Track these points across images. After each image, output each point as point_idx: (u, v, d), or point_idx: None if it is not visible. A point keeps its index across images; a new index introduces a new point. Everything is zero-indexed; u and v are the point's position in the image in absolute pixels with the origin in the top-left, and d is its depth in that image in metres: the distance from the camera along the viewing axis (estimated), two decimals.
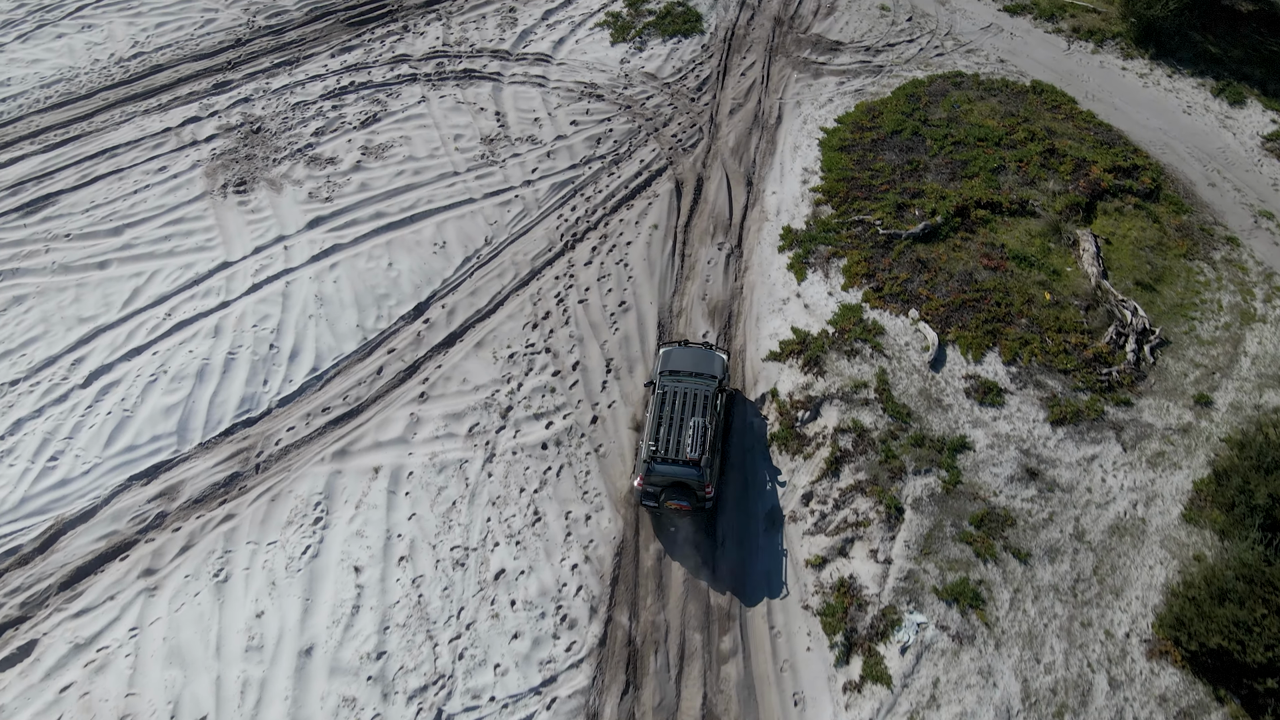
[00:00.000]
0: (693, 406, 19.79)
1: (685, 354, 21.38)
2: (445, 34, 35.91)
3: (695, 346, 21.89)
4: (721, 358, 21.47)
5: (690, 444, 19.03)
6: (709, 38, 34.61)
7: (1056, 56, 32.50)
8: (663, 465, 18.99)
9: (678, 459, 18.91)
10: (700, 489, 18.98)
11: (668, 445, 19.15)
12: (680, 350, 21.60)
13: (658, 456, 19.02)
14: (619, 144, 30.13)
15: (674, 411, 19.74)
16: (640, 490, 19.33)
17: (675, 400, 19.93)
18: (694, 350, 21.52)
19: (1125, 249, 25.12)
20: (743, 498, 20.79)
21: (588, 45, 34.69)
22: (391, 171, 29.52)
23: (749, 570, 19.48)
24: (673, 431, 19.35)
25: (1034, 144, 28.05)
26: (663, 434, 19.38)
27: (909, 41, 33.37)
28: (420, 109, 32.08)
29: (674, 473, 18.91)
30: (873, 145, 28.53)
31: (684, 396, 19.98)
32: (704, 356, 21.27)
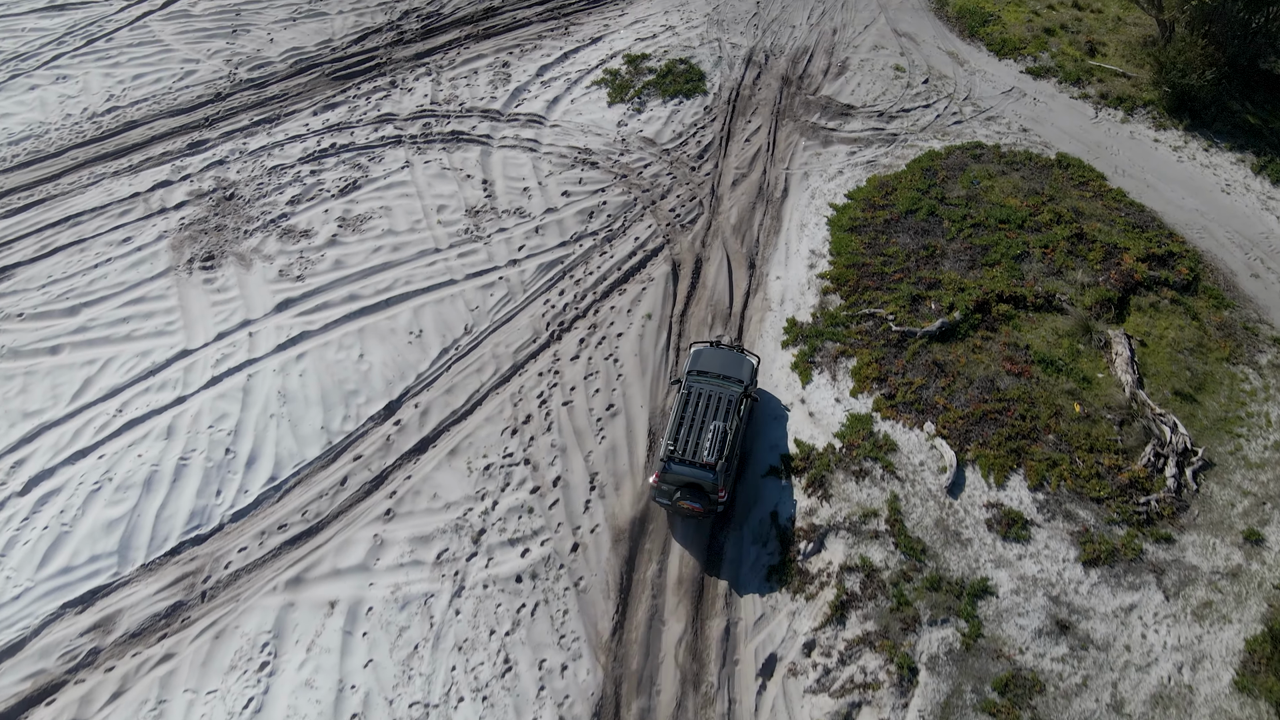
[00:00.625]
0: (715, 409, 19.96)
1: (715, 355, 21.61)
2: (434, 91, 34.16)
3: (726, 348, 22.12)
4: (751, 362, 21.76)
5: (709, 448, 19.17)
6: (712, 99, 32.74)
7: (1083, 126, 30.47)
8: (679, 466, 19.08)
9: (694, 461, 19.03)
10: (714, 492, 19.06)
11: (686, 446, 19.28)
12: (711, 351, 21.85)
13: (675, 456, 19.12)
14: (613, 219, 28.21)
15: (696, 413, 19.91)
16: (654, 487, 19.46)
17: (699, 401, 20.11)
18: (724, 352, 21.78)
19: (1162, 352, 22.98)
20: None
21: (584, 106, 32.86)
22: (369, 247, 27.67)
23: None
24: (692, 433, 19.51)
25: (1060, 227, 26.00)
26: (682, 434, 19.53)
27: (925, 107, 31.40)
28: (403, 175, 30.27)
29: (689, 474, 19.01)
30: (885, 226, 26.53)
31: (708, 398, 20.15)
32: (734, 359, 21.50)
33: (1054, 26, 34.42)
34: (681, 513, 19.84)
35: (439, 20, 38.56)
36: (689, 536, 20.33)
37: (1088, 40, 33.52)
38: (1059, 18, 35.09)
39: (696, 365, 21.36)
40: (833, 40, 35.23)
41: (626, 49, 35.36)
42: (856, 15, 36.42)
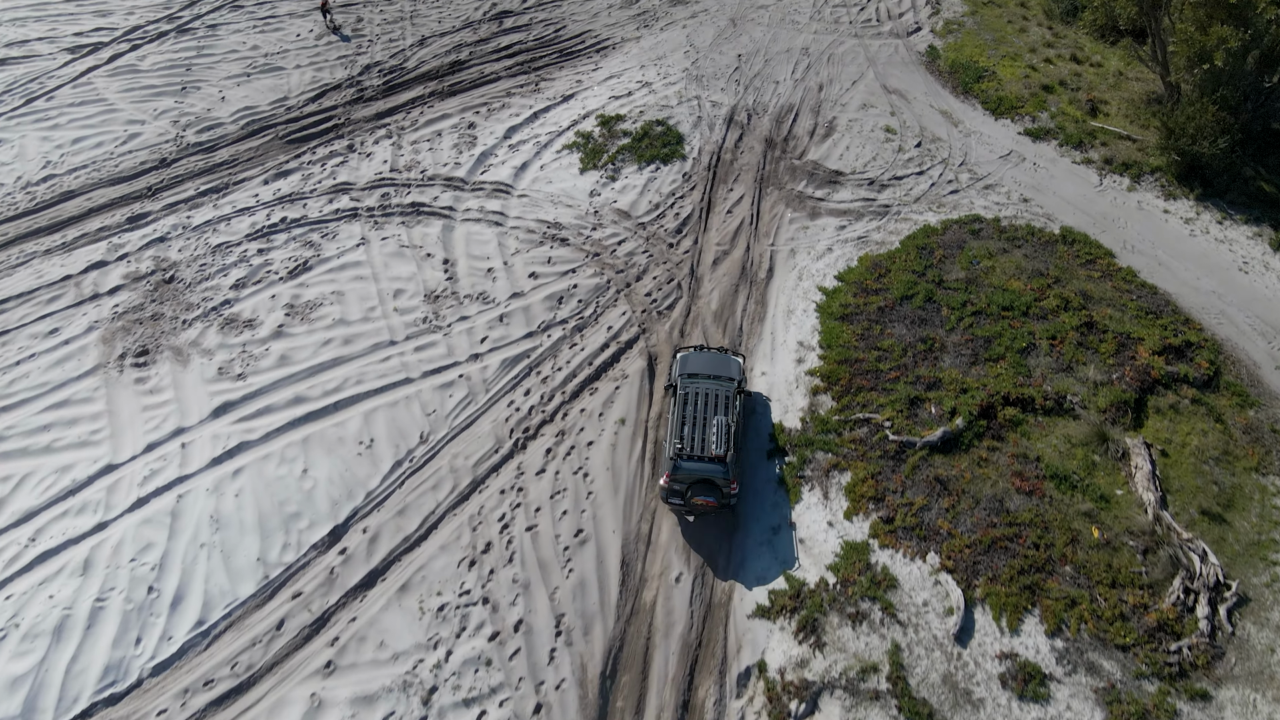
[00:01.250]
0: (715, 405, 20.55)
1: (702, 358, 22.31)
2: (395, 156, 32.02)
3: (711, 351, 22.87)
4: (738, 361, 22.42)
5: (715, 440, 19.74)
6: (691, 164, 30.70)
7: (1087, 194, 28.56)
8: (689, 462, 19.53)
9: (704, 455, 19.54)
10: (725, 485, 19.52)
11: (693, 442, 19.78)
12: (697, 355, 22.53)
13: (684, 454, 19.58)
14: (584, 304, 26.08)
15: (697, 410, 20.44)
16: (666, 488, 19.76)
17: (698, 400, 20.67)
18: (710, 354, 22.55)
19: (1185, 462, 20.97)
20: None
21: (554, 172, 30.78)
22: (318, 339, 25.43)
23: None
24: (697, 429, 20.04)
25: (1068, 314, 24.03)
26: (687, 432, 20.00)
27: (918, 173, 29.45)
28: (358, 254, 28.07)
29: (700, 469, 19.49)
30: (879, 314, 24.50)
31: (705, 396, 20.77)
32: (720, 360, 22.23)
33: (1052, 83, 32.62)
34: (696, 511, 20.19)
35: (402, 75, 36.48)
36: (668, 676, 18.12)
37: (1088, 98, 31.71)
38: (1057, 73, 33.30)
39: (686, 369, 21.86)
40: (819, 97, 33.32)
41: (600, 108, 33.35)
42: (843, 70, 34.55)
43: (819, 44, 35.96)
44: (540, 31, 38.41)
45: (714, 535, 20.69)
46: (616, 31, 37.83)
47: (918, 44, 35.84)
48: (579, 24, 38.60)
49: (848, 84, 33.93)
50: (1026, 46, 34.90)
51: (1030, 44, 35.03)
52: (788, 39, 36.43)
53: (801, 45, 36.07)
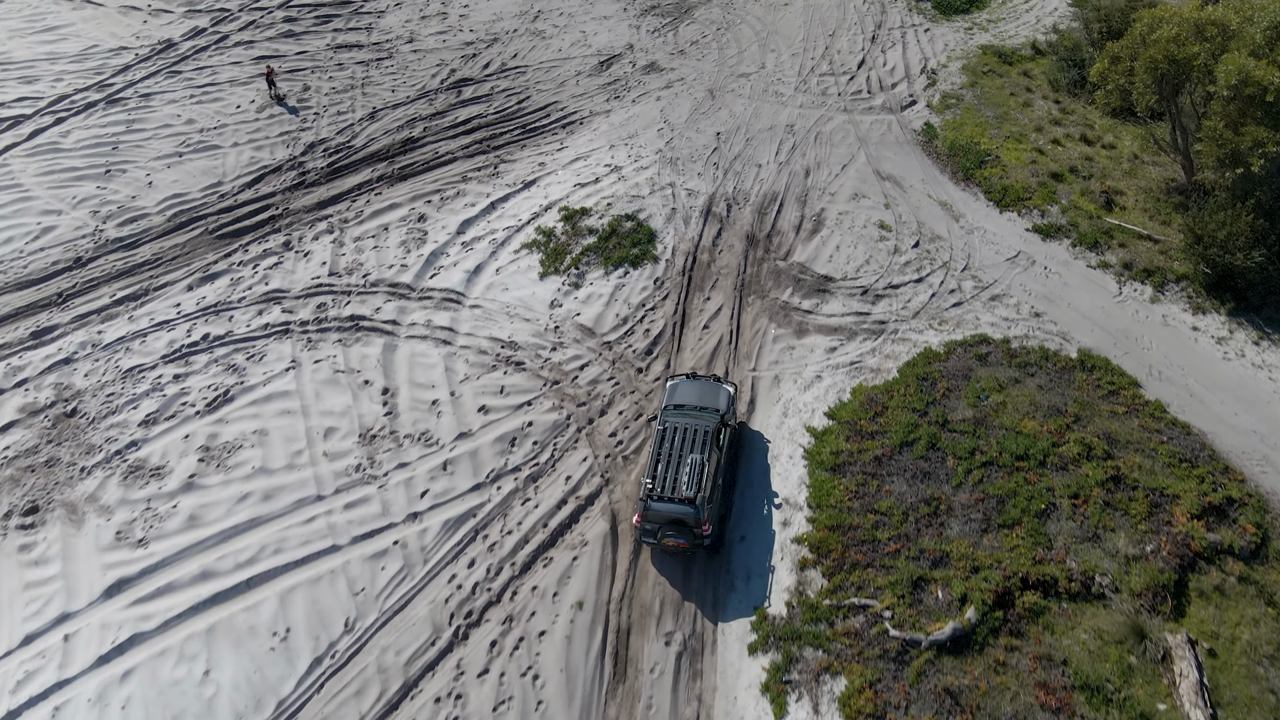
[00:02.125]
0: (692, 442, 20.29)
1: (691, 387, 22.06)
2: (335, 256, 28.90)
3: (703, 379, 22.55)
4: (728, 390, 22.21)
5: (686, 481, 19.59)
6: (664, 267, 27.67)
7: (1106, 306, 25.64)
8: (659, 503, 19.41)
9: (673, 497, 19.41)
10: (696, 526, 19.30)
11: (664, 483, 19.68)
12: (686, 383, 22.29)
13: (654, 494, 19.51)
14: (540, 447, 23.00)
15: (673, 448, 20.25)
16: (639, 528, 19.73)
17: (675, 436, 20.44)
18: (700, 383, 22.25)
19: (1236, 664, 17.99)
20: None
21: (511, 277, 27.71)
22: (234, 493, 22.28)
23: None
24: (670, 468, 19.89)
25: (1091, 465, 21.09)
26: (660, 471, 19.91)
27: (917, 280, 26.49)
28: (287, 382, 24.93)
29: (670, 510, 19.32)
30: (876, 465, 21.49)
31: (684, 432, 20.48)
32: (709, 390, 21.96)
33: (1062, 170, 29.75)
34: (668, 550, 20.03)
35: (349, 155, 33.39)
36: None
37: (1102, 189, 28.85)
38: (1066, 157, 30.44)
39: (673, 399, 21.74)
40: (805, 185, 30.37)
41: (564, 198, 30.32)
42: (832, 151, 31.61)
43: (805, 120, 33.04)
44: (502, 103, 35.40)
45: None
46: (585, 104, 34.84)
47: (913, 120, 32.96)
48: (544, 94, 35.61)
49: (837, 168, 30.99)
50: (1032, 124, 32.05)
51: (1036, 121, 32.18)
52: (771, 114, 33.52)
53: (786, 121, 33.15)
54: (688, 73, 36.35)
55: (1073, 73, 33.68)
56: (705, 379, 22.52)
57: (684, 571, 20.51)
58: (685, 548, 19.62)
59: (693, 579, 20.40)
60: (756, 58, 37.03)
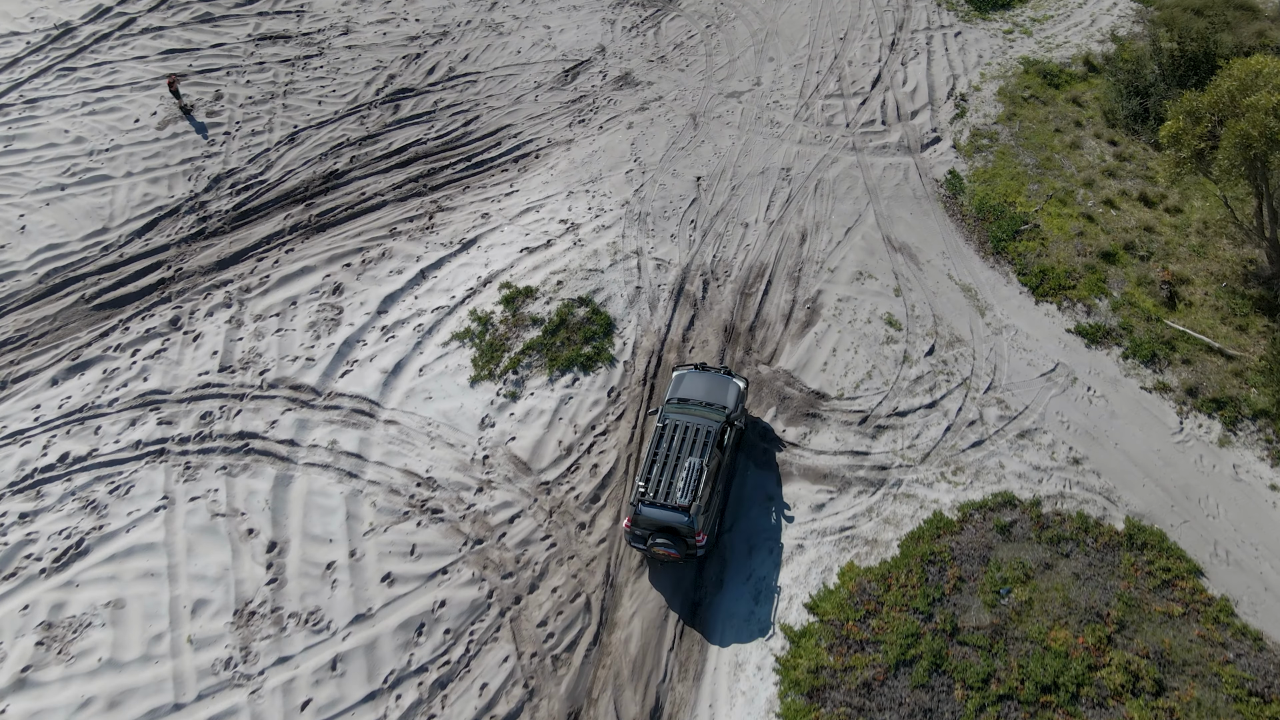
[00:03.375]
0: (692, 444, 19.17)
1: (699, 380, 20.88)
2: (230, 341, 24.20)
3: (712, 371, 21.28)
4: (738, 385, 20.90)
5: (682, 488, 18.51)
6: (620, 372, 22.89)
7: (1162, 449, 20.84)
8: (650, 509, 18.43)
9: (666, 503, 18.37)
10: (690, 536, 18.33)
11: (658, 487, 18.64)
12: (694, 375, 21.10)
13: (645, 499, 18.54)
14: (452, 637, 18.84)
15: (671, 449, 19.16)
16: (629, 532, 18.75)
17: (674, 436, 19.32)
18: (709, 376, 20.99)
19: None
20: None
21: (436, 381, 23.03)
22: (71, 697, 18.38)
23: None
24: (665, 472, 18.84)
25: (1138, 704, 16.80)
26: (655, 474, 18.87)
27: (929, 405, 21.69)
28: (155, 528, 20.71)
29: (662, 517, 18.34)
30: (865, 694, 17.31)
31: (684, 432, 19.34)
32: (718, 384, 20.72)
33: (1115, 246, 24.44)
34: (658, 559, 19.07)
35: (261, 193, 28.26)
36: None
37: (1164, 278, 23.64)
38: (1121, 225, 25.07)
39: (678, 392, 20.69)
40: (800, 255, 25.22)
41: (507, 269, 25.31)
42: (835, 207, 26.28)
43: (805, 161, 27.57)
44: (446, 124, 29.89)
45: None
46: (543, 129, 29.32)
47: (934, 165, 27.40)
48: (497, 113, 30.04)
49: (840, 232, 25.72)
50: (1080, 176, 26.52)
51: (1085, 171, 26.63)
52: (764, 151, 28.00)
53: (781, 163, 27.67)
54: (667, 89, 30.58)
55: (1133, 103, 27.89)
56: (715, 371, 21.22)
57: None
58: (676, 558, 18.58)
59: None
60: (751, 69, 31.15)
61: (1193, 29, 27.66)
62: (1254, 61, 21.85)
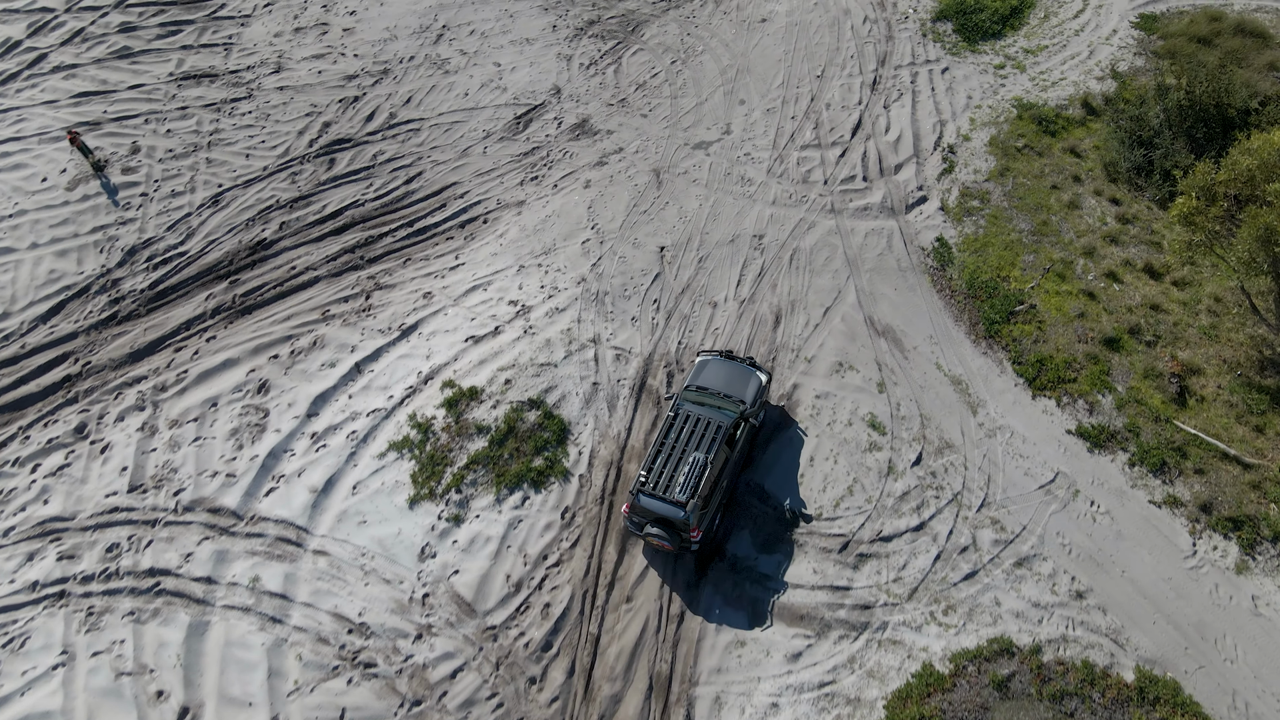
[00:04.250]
0: (701, 438, 19.08)
1: (720, 370, 20.64)
2: (142, 453, 21.86)
3: (736, 361, 21.05)
4: (760, 379, 20.65)
5: (682, 484, 18.52)
6: (576, 488, 20.72)
7: (1174, 577, 18.93)
8: (648, 499, 18.58)
9: (665, 496, 18.45)
10: (685, 530, 18.38)
11: (659, 478, 18.71)
12: (717, 363, 20.86)
13: (645, 488, 18.66)
14: None
15: (678, 440, 19.13)
16: (627, 517, 18.96)
17: (684, 427, 19.29)
18: (732, 366, 20.74)
19: None
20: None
21: (372, 501, 20.79)
22: None
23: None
24: (669, 464, 18.86)
25: None
26: (658, 464, 18.92)
27: (917, 527, 19.67)
28: (52, 692, 18.59)
29: (659, 509, 18.46)
30: None
31: (694, 424, 19.32)
32: (739, 376, 20.50)
33: (1118, 331, 22.33)
34: (653, 547, 19.41)
35: (180, 268, 25.72)
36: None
37: (1173, 369, 21.57)
38: (1125, 304, 22.96)
39: (697, 380, 20.58)
40: (774, 341, 22.98)
41: (451, 363, 22.97)
42: (813, 282, 24.01)
43: (779, 226, 25.23)
44: (386, 181, 27.28)
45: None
46: (492, 188, 26.78)
47: (921, 230, 25.10)
48: (441, 168, 27.44)
49: (817, 312, 23.49)
50: (1080, 244, 24.32)
51: (1085, 236, 24.44)
52: (734, 214, 25.62)
53: (753, 229, 25.31)
54: (628, 138, 28.00)
55: (1136, 155, 25.61)
56: (739, 361, 21.06)
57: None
58: (670, 549, 18.83)
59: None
60: (720, 114, 28.58)
61: (1201, 74, 25.25)
62: (1276, 138, 19.54)
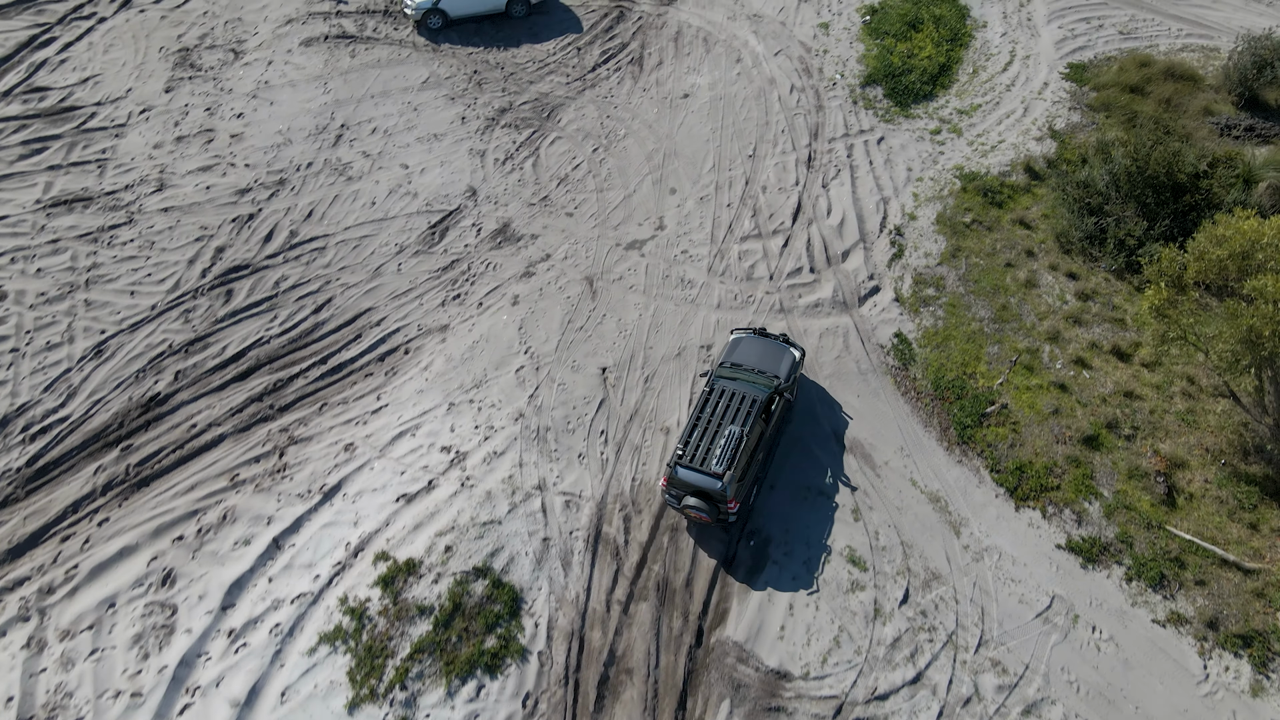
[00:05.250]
0: (735, 412, 19.68)
1: (754, 346, 21.36)
2: (29, 670, 19.09)
3: (770, 339, 21.71)
4: (794, 355, 21.37)
5: (719, 456, 19.04)
6: (535, 668, 18.62)
7: (1189, 705, 17.73)
8: (686, 470, 19.06)
9: (702, 468, 18.94)
10: (722, 501, 18.87)
11: (695, 451, 19.21)
12: (751, 340, 21.57)
13: (682, 460, 19.13)
14: None
15: (715, 414, 19.71)
16: (664, 490, 19.47)
17: (720, 401, 19.88)
18: (765, 342, 21.48)
19: None
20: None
21: (303, 710, 18.48)
22: None
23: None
24: (705, 437, 19.39)
25: None
26: (694, 437, 19.45)
27: (913, 680, 18.10)
28: None
29: (697, 480, 18.95)
30: None
31: (730, 398, 19.89)
32: (773, 352, 21.19)
33: (1096, 427, 21.18)
34: (690, 519, 19.74)
35: (62, 436, 22.81)
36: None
37: (1159, 467, 20.49)
38: (1098, 395, 21.84)
39: (732, 356, 21.17)
40: None
41: (381, 529, 20.68)
42: None
43: (727, 333, 23.46)
44: (292, 312, 24.81)
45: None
46: (410, 312, 24.54)
47: (877, 325, 23.68)
48: (353, 291, 25.10)
49: None
50: (1043, 328, 23.23)
51: (1047, 319, 23.35)
52: (677, 323, 23.87)
53: (700, 338, 23.61)
54: (555, 242, 26.04)
55: (1088, 223, 24.62)
56: (772, 339, 21.75)
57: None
58: (708, 521, 19.27)
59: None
60: (651, 206, 26.84)
61: (1145, 138, 24.38)
62: (1247, 227, 18.53)
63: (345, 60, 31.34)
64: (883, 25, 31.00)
